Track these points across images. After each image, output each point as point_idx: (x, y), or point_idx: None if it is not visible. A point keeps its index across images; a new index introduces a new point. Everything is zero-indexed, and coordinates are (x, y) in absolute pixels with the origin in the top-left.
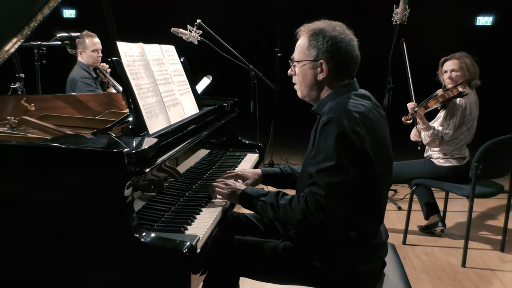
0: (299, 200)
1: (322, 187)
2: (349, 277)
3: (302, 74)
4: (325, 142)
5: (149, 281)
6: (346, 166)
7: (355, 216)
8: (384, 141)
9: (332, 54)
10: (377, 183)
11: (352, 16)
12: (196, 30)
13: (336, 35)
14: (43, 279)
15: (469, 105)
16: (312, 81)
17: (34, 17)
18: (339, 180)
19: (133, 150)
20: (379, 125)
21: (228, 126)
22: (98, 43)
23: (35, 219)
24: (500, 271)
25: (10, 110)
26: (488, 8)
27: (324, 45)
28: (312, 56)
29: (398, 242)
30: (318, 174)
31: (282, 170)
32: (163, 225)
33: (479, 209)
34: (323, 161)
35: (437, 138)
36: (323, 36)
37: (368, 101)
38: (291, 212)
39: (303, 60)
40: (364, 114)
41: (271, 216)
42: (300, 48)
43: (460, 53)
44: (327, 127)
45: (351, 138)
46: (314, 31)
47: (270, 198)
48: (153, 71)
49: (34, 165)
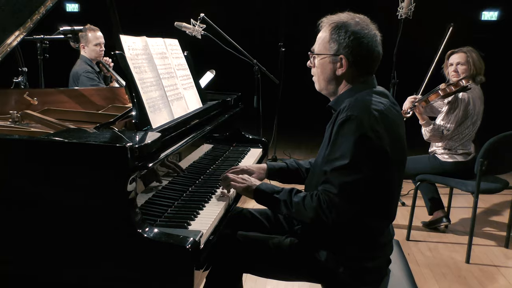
0: (312, 199)
1: (336, 186)
2: (354, 274)
3: (321, 67)
4: (342, 140)
5: (152, 277)
6: (361, 166)
7: (368, 215)
8: (401, 140)
9: (353, 49)
10: (392, 182)
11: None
12: (200, 24)
13: (359, 30)
14: (45, 275)
15: (472, 99)
16: (330, 75)
17: (37, 10)
18: (353, 179)
19: (136, 144)
20: (397, 123)
21: (232, 121)
22: (101, 37)
23: (37, 214)
24: (504, 267)
25: (13, 104)
26: (494, 3)
27: (346, 40)
28: (332, 50)
29: (402, 238)
30: (332, 173)
31: (288, 165)
32: (166, 220)
33: (484, 205)
34: (339, 159)
35: (438, 134)
36: (346, 31)
37: (386, 99)
38: (304, 210)
39: (323, 54)
40: (383, 112)
41: (284, 213)
42: (321, 40)
43: (468, 48)
44: (346, 125)
45: (370, 137)
46: (336, 24)
47: (284, 195)
48: (156, 65)
49: (37, 159)
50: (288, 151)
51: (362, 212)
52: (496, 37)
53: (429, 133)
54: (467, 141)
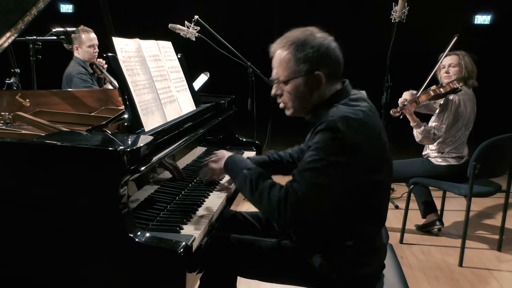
0: (279, 190)
1: (305, 186)
2: (348, 279)
3: (296, 91)
4: (317, 146)
5: (144, 281)
6: (334, 173)
7: (357, 222)
8: (383, 144)
9: (324, 62)
10: (378, 188)
11: (351, 13)
12: (194, 26)
13: (322, 42)
14: (38, 278)
15: (463, 101)
16: (308, 96)
17: (29, 11)
18: (322, 183)
19: (128, 148)
20: (377, 128)
21: (225, 123)
22: (95, 39)
23: (28, 218)
24: (497, 271)
25: (5, 105)
26: (487, 7)
27: (314, 55)
28: (303, 70)
29: (395, 241)
30: (303, 173)
31: (270, 158)
32: (158, 224)
33: (477, 208)
34: (311, 162)
35: (429, 135)
36: (311, 46)
37: (365, 103)
38: (267, 197)
39: (294, 78)
40: (362, 120)
41: (246, 193)
42: (285, 64)
43: (461, 51)
44: (322, 134)
45: (346, 146)
46: (296, 43)
47: (253, 174)
48: (149, 68)
49: (27, 162)
50: None
51: (352, 220)
52: (489, 41)
53: (421, 135)
54: (460, 144)
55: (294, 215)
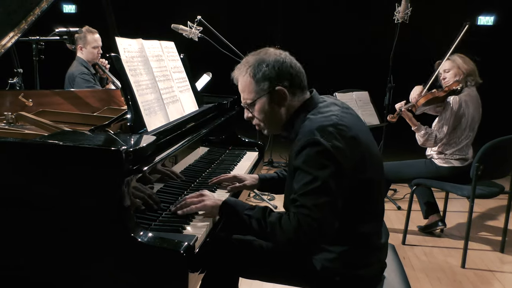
0: (290, 219)
1: (311, 208)
2: (349, 280)
3: (263, 111)
4: (306, 166)
5: (146, 281)
6: (331, 186)
7: (353, 223)
8: (366, 141)
9: (283, 76)
10: (370, 187)
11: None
12: (197, 26)
13: (277, 58)
14: (38, 277)
15: (464, 102)
16: (276, 113)
17: (32, 11)
18: (326, 200)
19: (131, 148)
20: (356, 127)
21: (228, 124)
22: (99, 40)
23: (30, 217)
24: (499, 272)
25: (8, 105)
26: (490, 8)
27: (272, 72)
28: (265, 89)
29: (398, 242)
30: (304, 197)
31: (279, 175)
32: (161, 224)
33: (479, 210)
34: (307, 184)
35: (431, 138)
36: (266, 64)
37: (336, 107)
38: (280, 231)
39: (258, 98)
40: (338, 124)
41: (255, 232)
42: (248, 87)
43: (452, 55)
44: (305, 151)
45: (332, 154)
46: (253, 65)
47: (257, 213)
48: (152, 68)
49: (30, 162)
50: (284, 154)
51: (347, 222)
52: (493, 42)
53: (422, 138)
54: (465, 146)
55: (314, 238)
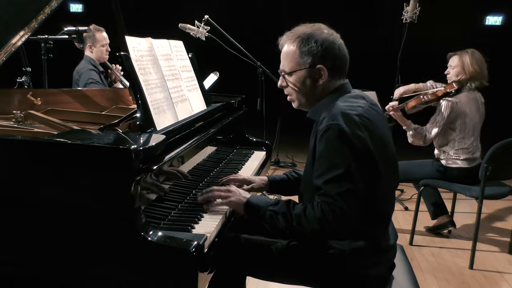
0: (314, 209)
1: (335, 197)
2: (357, 280)
3: (299, 83)
4: (327, 150)
5: (156, 280)
6: (354, 172)
7: (362, 221)
8: (386, 139)
9: (328, 57)
10: (383, 185)
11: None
12: (204, 26)
13: (327, 37)
14: (47, 275)
15: (461, 103)
16: (311, 89)
17: (42, 10)
18: (349, 187)
19: (140, 147)
20: (378, 124)
21: (236, 123)
22: (107, 38)
23: (40, 216)
24: (508, 274)
25: (16, 104)
26: (498, 8)
27: (319, 49)
28: (307, 63)
29: (405, 243)
30: (327, 184)
31: (289, 176)
32: (170, 223)
33: (487, 211)
34: (330, 171)
35: (419, 136)
36: (315, 40)
37: (363, 101)
38: (306, 222)
39: (298, 70)
40: (362, 115)
41: (282, 226)
42: (291, 57)
43: (466, 50)
44: (327, 135)
45: (353, 143)
46: (302, 37)
47: (282, 207)
48: (161, 67)
49: (39, 160)
50: (291, 154)
51: (360, 222)
52: (501, 42)
53: (412, 137)
54: (471, 146)
55: (339, 227)
